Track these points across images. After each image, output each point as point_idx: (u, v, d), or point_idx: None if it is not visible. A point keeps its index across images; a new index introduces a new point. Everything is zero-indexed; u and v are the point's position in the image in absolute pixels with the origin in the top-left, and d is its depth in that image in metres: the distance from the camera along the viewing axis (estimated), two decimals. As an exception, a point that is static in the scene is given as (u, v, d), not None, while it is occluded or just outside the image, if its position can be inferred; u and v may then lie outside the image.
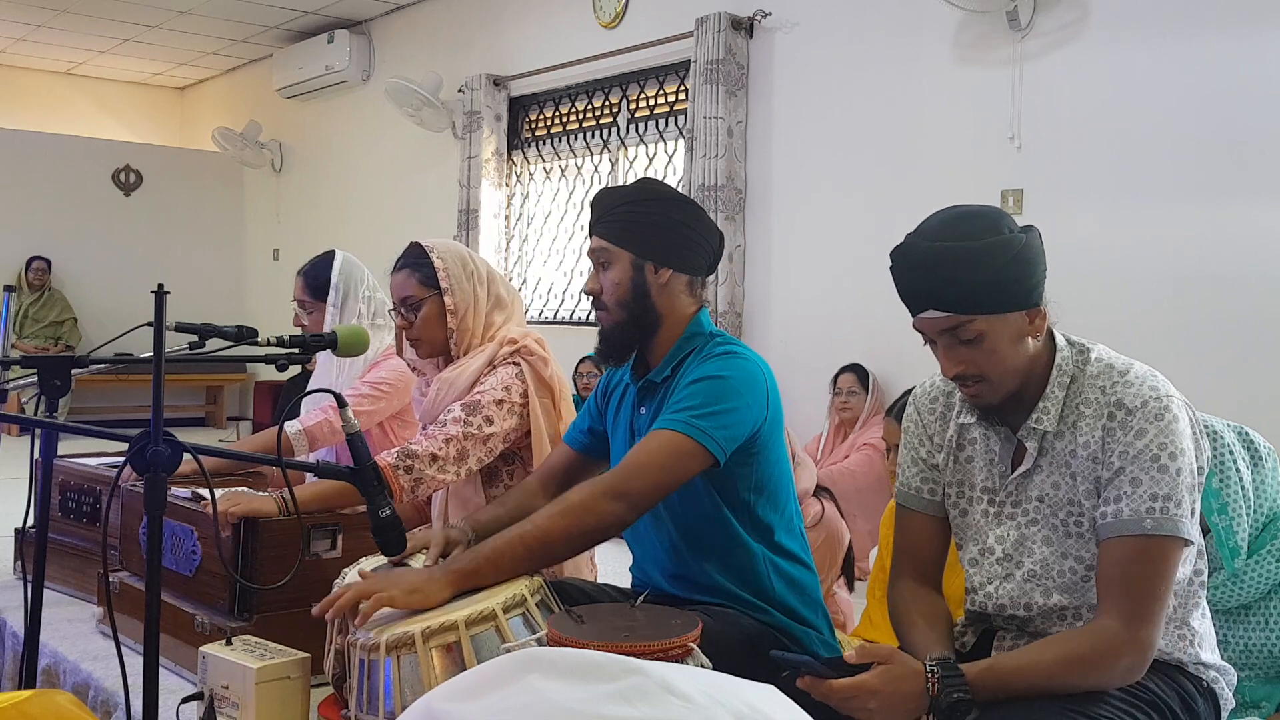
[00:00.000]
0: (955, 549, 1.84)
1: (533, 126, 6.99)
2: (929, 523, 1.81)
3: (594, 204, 2.08)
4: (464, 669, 1.53)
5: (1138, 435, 1.57)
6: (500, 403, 2.41)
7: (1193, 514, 1.57)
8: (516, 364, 2.47)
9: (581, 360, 5.90)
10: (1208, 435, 1.95)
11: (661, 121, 6.14)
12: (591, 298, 2.07)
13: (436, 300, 2.49)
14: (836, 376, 4.95)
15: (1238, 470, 1.96)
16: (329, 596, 1.77)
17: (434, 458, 2.31)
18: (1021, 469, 1.69)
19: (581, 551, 1.95)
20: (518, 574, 1.78)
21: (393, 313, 2.59)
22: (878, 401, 4.82)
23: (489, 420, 2.38)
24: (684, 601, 1.93)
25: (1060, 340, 1.69)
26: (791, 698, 0.93)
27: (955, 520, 1.80)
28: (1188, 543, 1.56)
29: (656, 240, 2.00)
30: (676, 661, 1.51)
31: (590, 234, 2.08)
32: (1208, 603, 1.82)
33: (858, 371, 4.91)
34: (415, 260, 2.52)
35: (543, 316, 6.77)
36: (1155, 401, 1.58)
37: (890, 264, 1.65)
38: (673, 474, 1.85)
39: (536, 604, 1.71)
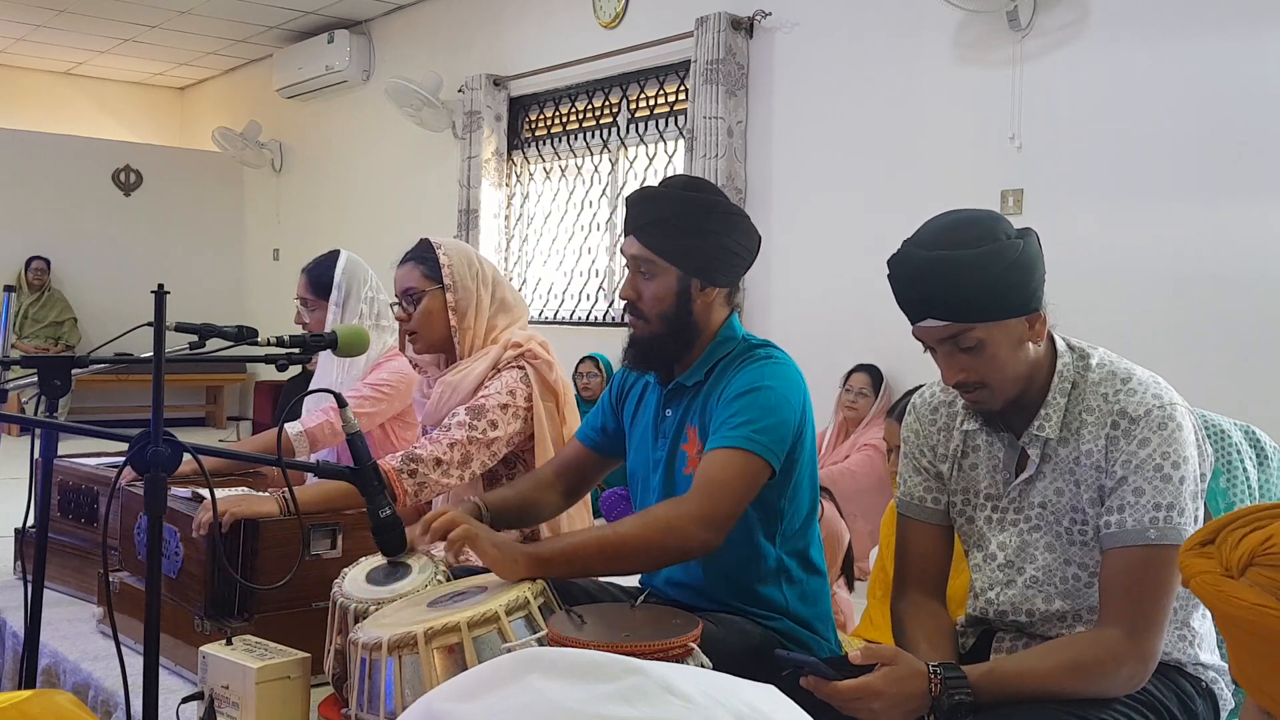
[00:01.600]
0: (960, 550, 1.84)
1: (533, 126, 6.99)
2: (931, 531, 1.81)
3: (638, 204, 1.97)
4: (465, 670, 1.53)
5: (1141, 444, 1.57)
6: (505, 407, 2.41)
7: (1196, 520, 1.57)
8: (521, 368, 2.47)
9: (581, 360, 5.89)
10: (1216, 435, 1.95)
11: (661, 121, 6.14)
12: (625, 302, 2.00)
13: (438, 295, 2.49)
14: (849, 374, 4.93)
15: (1245, 470, 1.96)
16: (430, 520, 1.81)
17: (438, 462, 2.32)
18: (1024, 475, 1.69)
19: (653, 570, 1.92)
20: (586, 575, 1.82)
21: (394, 306, 2.59)
22: (885, 404, 4.81)
23: (493, 424, 2.39)
24: (689, 608, 1.92)
25: (1061, 345, 1.68)
26: (794, 698, 0.93)
27: (962, 527, 1.80)
28: None
29: (707, 259, 1.94)
30: (677, 661, 1.51)
31: (630, 234, 1.97)
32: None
33: (871, 373, 4.88)
34: (421, 254, 2.53)
35: (543, 316, 6.76)
36: (1159, 410, 1.58)
37: (888, 272, 1.64)
38: (750, 492, 1.85)
39: (539, 606, 1.71)
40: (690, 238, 1.93)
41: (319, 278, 2.99)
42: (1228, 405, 2.62)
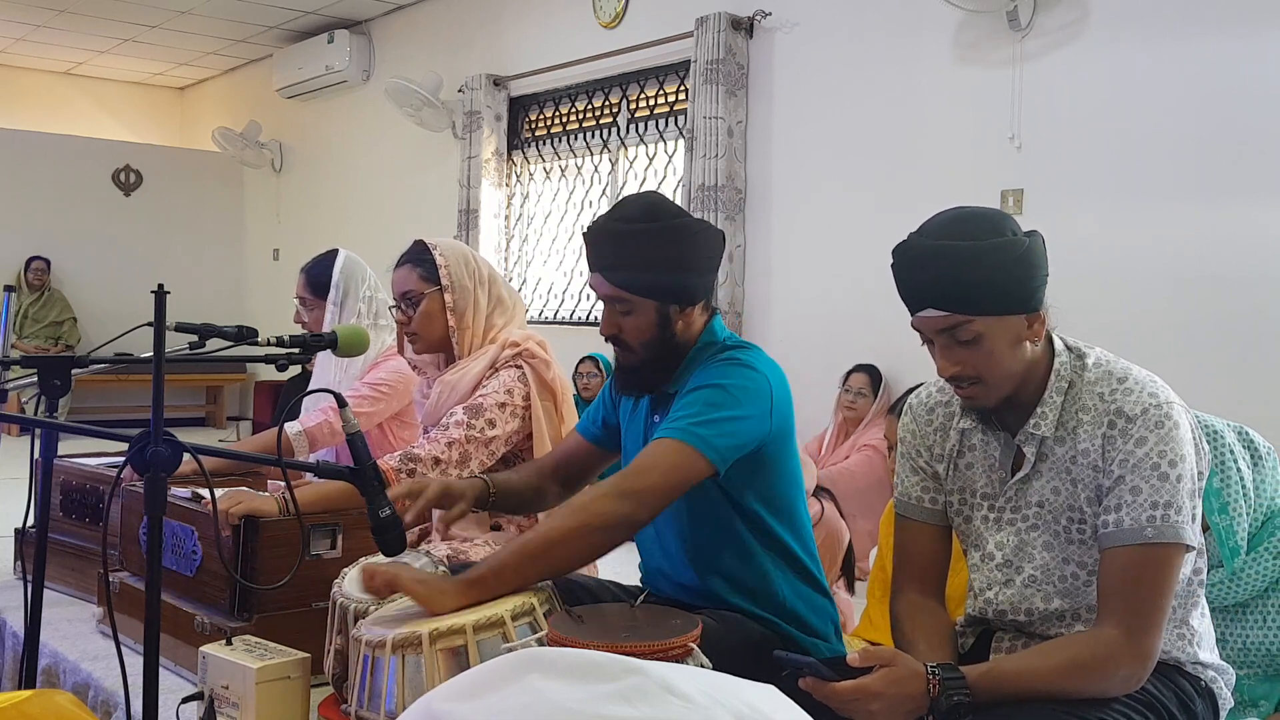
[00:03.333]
0: (959, 548, 1.84)
1: (533, 126, 6.99)
2: (929, 532, 1.80)
3: (599, 243, 1.94)
4: (464, 669, 1.53)
5: (1138, 443, 1.57)
6: (503, 405, 2.41)
7: (1194, 519, 1.57)
8: (519, 367, 2.47)
9: (581, 360, 5.90)
10: (1209, 435, 1.95)
11: (661, 121, 6.14)
12: (608, 337, 1.98)
13: (436, 296, 2.50)
14: (848, 374, 4.93)
15: (1238, 469, 1.96)
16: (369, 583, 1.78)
17: (436, 461, 2.32)
18: (1020, 474, 1.69)
19: (587, 556, 1.89)
20: (522, 583, 1.76)
21: (393, 308, 2.60)
22: (884, 404, 4.81)
23: (491, 423, 2.39)
24: (691, 608, 1.92)
25: (1059, 344, 1.68)
26: (793, 698, 0.93)
27: (960, 527, 1.80)
28: (1189, 548, 1.56)
29: (681, 284, 1.92)
30: (676, 661, 1.51)
31: (597, 273, 1.94)
32: (1206, 601, 1.82)
33: (870, 373, 4.88)
34: (417, 256, 2.53)
35: (542, 316, 6.77)
36: (1155, 409, 1.58)
37: (892, 261, 1.65)
38: (674, 480, 1.82)
39: (545, 613, 1.71)
40: (658, 270, 1.90)
41: (317, 277, 2.99)
42: (1226, 405, 2.63)
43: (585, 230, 1.97)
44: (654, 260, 1.90)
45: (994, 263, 1.55)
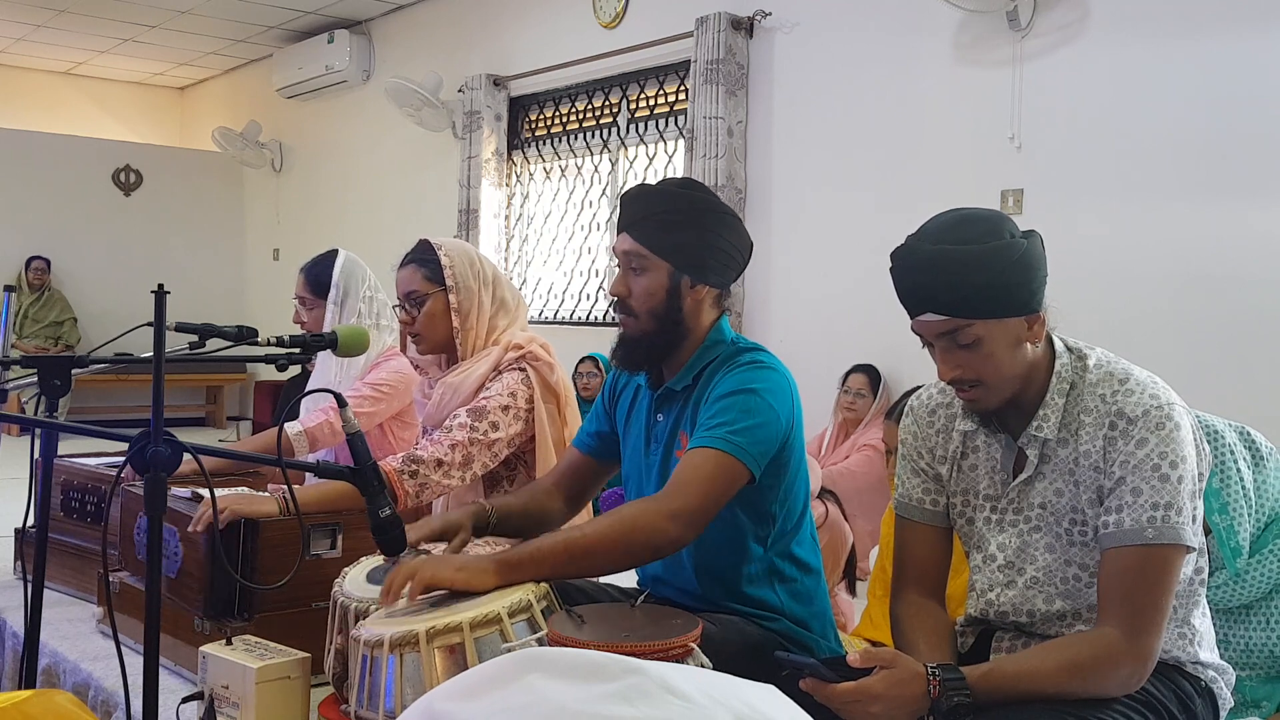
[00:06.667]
0: (960, 549, 1.84)
1: (533, 126, 6.99)
2: (930, 533, 1.80)
3: (632, 201, 1.99)
4: (466, 670, 1.53)
5: (1139, 445, 1.57)
6: (506, 408, 2.41)
7: (1194, 519, 1.57)
8: (522, 369, 2.47)
9: (582, 360, 5.90)
10: (1209, 435, 1.95)
11: (661, 121, 6.14)
12: (615, 299, 2.00)
13: (441, 297, 2.49)
14: (847, 375, 4.93)
15: (1238, 470, 1.96)
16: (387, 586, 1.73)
17: (439, 463, 2.32)
18: (1023, 476, 1.69)
19: (625, 568, 1.89)
20: (557, 577, 1.78)
21: (396, 308, 2.59)
22: (884, 404, 4.81)
23: (495, 426, 2.39)
24: (690, 611, 1.91)
25: (1059, 346, 1.68)
26: (793, 699, 0.93)
27: (962, 529, 1.80)
28: (1190, 549, 1.56)
29: (699, 256, 1.94)
30: (677, 661, 1.51)
31: (623, 231, 1.98)
32: (1209, 602, 1.82)
33: (869, 373, 4.89)
34: (422, 256, 2.52)
35: (543, 316, 6.77)
36: (1156, 410, 1.58)
37: (890, 265, 1.64)
38: (722, 491, 1.83)
39: (542, 610, 1.70)
40: (682, 234, 1.93)
41: (317, 277, 2.99)
42: (1227, 405, 2.62)
43: (623, 192, 1.99)
44: (678, 223, 1.93)
45: (993, 266, 1.55)
